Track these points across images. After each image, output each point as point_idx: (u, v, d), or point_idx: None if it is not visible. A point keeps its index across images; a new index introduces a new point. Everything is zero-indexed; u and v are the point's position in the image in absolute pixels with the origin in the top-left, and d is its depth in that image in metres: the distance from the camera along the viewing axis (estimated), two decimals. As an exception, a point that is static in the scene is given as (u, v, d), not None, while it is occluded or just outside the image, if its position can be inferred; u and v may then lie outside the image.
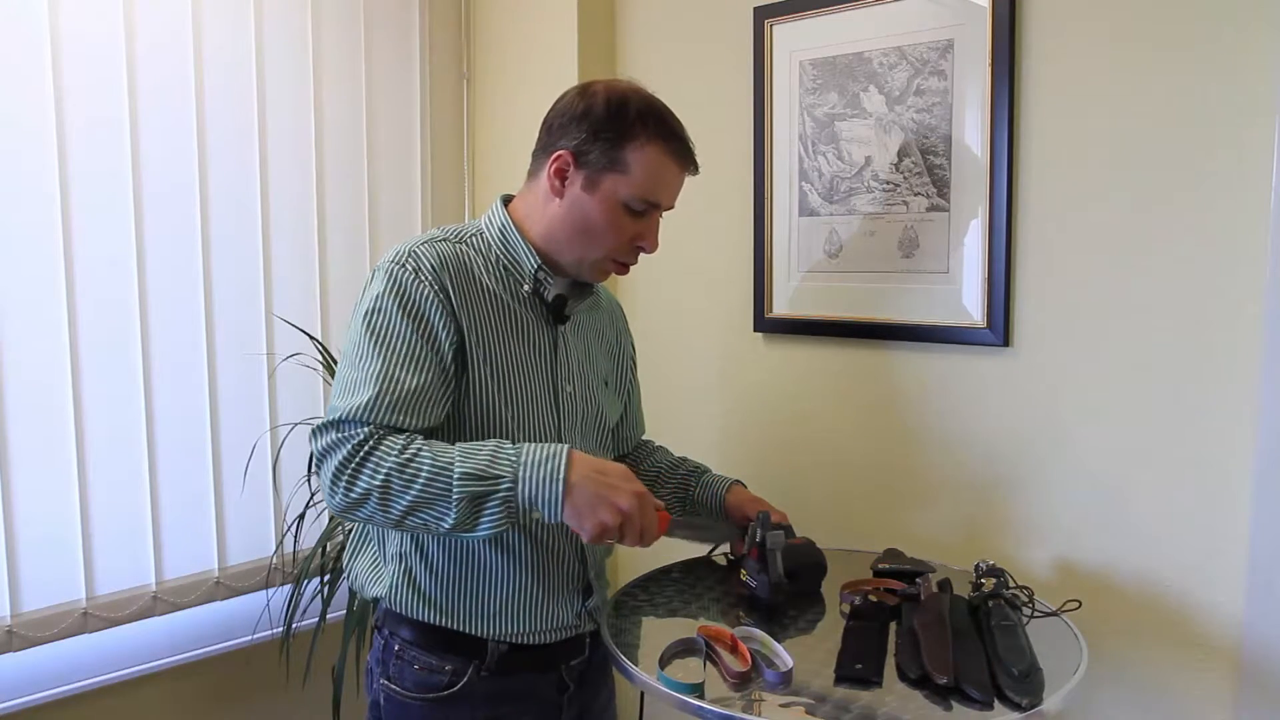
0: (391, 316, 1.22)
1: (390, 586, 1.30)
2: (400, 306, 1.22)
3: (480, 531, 1.15)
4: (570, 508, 1.15)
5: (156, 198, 1.85)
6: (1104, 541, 1.56)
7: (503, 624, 1.30)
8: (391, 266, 1.25)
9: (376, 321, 1.22)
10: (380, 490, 1.14)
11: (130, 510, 1.86)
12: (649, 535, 1.19)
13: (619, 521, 1.16)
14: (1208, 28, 1.42)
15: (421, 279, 1.23)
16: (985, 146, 1.62)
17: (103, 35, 1.77)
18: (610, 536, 1.17)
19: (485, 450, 1.16)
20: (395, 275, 1.23)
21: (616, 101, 1.26)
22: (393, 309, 1.22)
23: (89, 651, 1.84)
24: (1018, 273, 1.62)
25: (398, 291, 1.22)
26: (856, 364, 1.83)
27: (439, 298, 1.23)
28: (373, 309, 1.22)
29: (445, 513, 1.13)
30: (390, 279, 1.23)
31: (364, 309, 1.24)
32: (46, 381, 1.74)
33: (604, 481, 1.16)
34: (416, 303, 1.22)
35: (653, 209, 1.31)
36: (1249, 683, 1.44)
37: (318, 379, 2.08)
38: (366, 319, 1.22)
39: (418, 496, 1.13)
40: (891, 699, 1.11)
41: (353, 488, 1.14)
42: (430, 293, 1.23)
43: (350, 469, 1.14)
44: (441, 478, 1.13)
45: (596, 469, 1.17)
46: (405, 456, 1.14)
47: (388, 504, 1.14)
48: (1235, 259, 1.42)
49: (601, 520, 1.15)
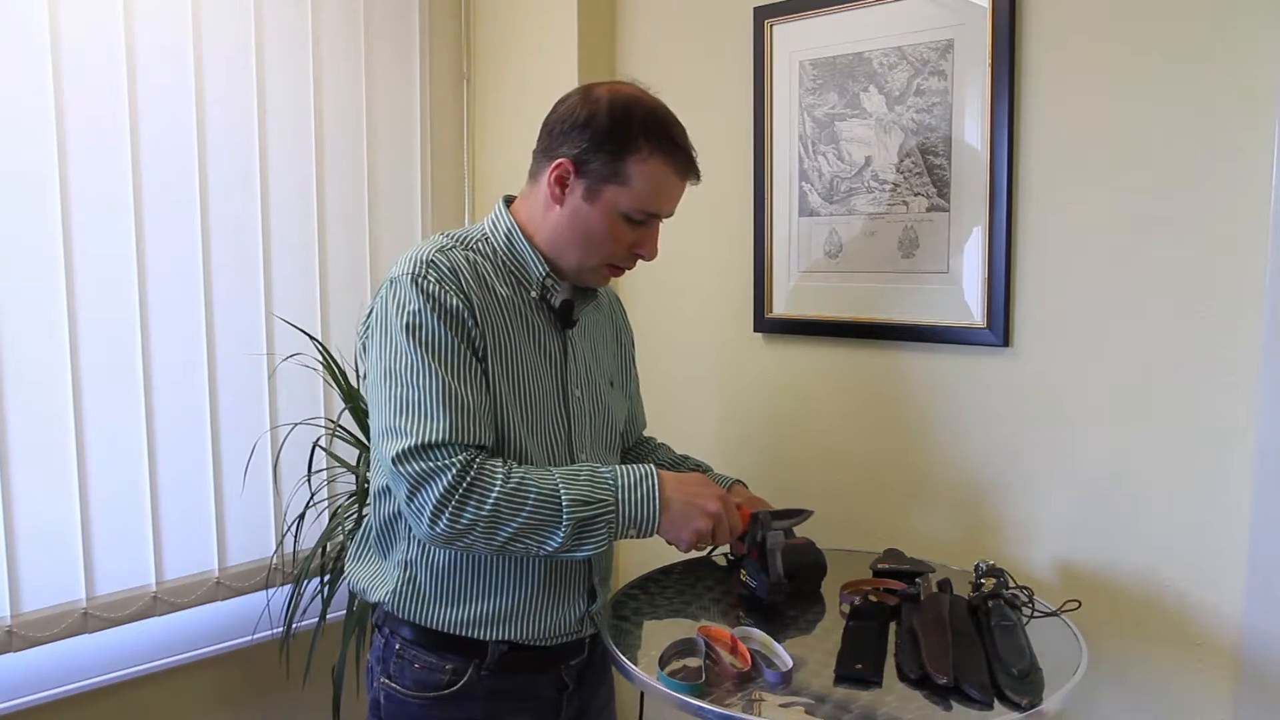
0: (436, 331, 1.20)
1: (393, 592, 1.30)
2: (440, 319, 1.20)
3: (581, 553, 1.20)
4: (667, 523, 1.22)
5: (157, 198, 1.85)
6: (1104, 541, 1.56)
7: (507, 629, 1.29)
8: (416, 279, 1.22)
9: (423, 337, 1.19)
10: (489, 518, 1.16)
11: (130, 510, 1.86)
12: (737, 530, 1.30)
13: (711, 526, 1.24)
14: (1208, 28, 1.42)
15: (446, 287, 1.22)
16: (985, 146, 1.62)
17: (103, 36, 1.77)
18: (705, 541, 1.25)
19: (584, 475, 1.21)
20: (424, 288, 1.21)
21: (620, 111, 1.25)
22: (435, 323, 1.20)
23: (89, 651, 1.84)
24: (1018, 273, 1.62)
25: (434, 304, 1.20)
26: (856, 364, 1.83)
27: (466, 306, 1.22)
28: (414, 325, 1.20)
29: (552, 535, 1.17)
30: (421, 292, 1.21)
31: (403, 324, 1.20)
32: (47, 382, 1.74)
33: (691, 491, 1.25)
34: (451, 313, 1.21)
35: (653, 218, 1.31)
36: (1249, 683, 1.44)
37: (318, 379, 2.08)
38: (410, 335, 1.19)
39: (525, 523, 1.16)
40: (891, 699, 1.11)
41: (459, 518, 1.15)
42: (458, 302, 1.22)
43: (456, 498, 1.15)
44: (549, 504, 1.17)
45: (681, 482, 1.26)
46: (511, 485, 1.16)
47: (495, 531, 1.16)
48: (1235, 259, 1.42)
49: (697, 528, 1.23)
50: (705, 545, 1.27)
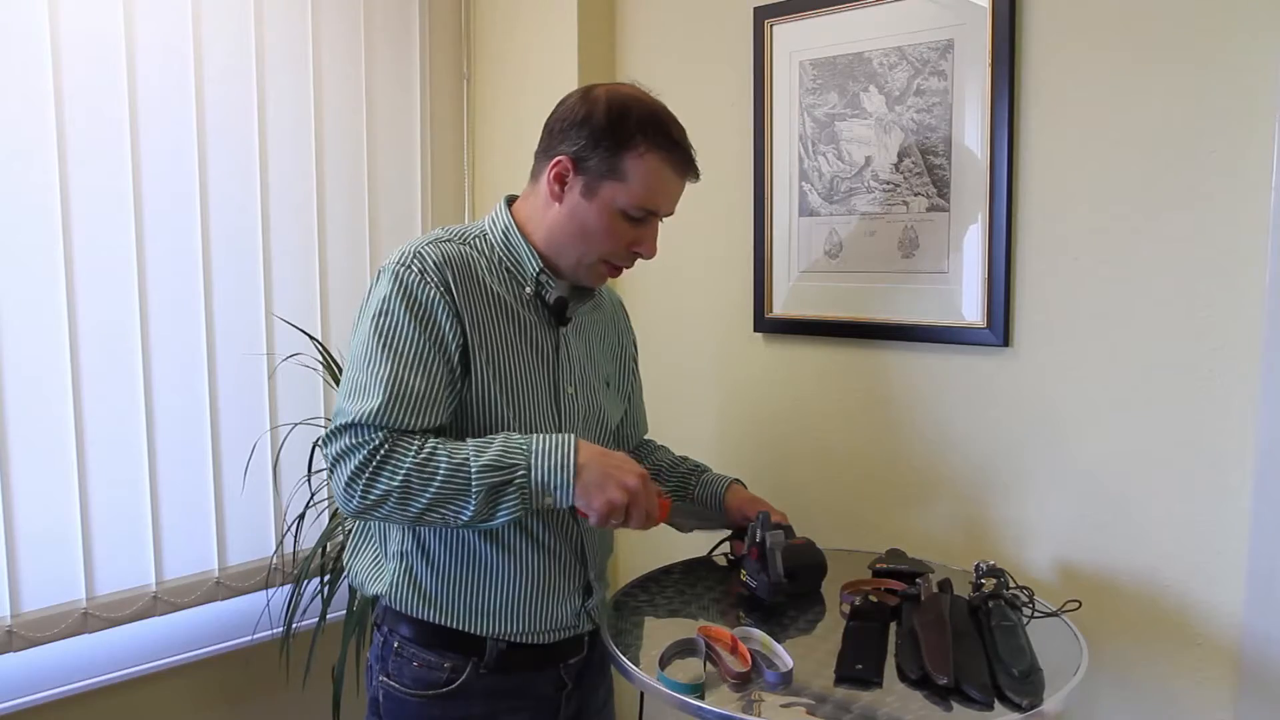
0: (399, 319, 1.22)
1: (391, 584, 1.31)
2: (408, 309, 1.22)
3: (497, 520, 1.19)
4: (580, 488, 1.19)
5: (156, 198, 1.85)
6: (1104, 541, 1.56)
7: (503, 623, 1.30)
8: (397, 268, 1.25)
9: (384, 324, 1.22)
10: (400, 490, 1.17)
11: (130, 510, 1.86)
12: (653, 517, 1.26)
13: (626, 500, 1.21)
14: (1208, 28, 1.42)
15: (427, 280, 1.23)
16: (985, 146, 1.62)
17: (103, 36, 1.76)
18: (617, 516, 1.22)
19: (496, 443, 1.20)
20: (401, 277, 1.24)
21: (617, 109, 1.26)
22: (400, 311, 1.22)
23: (89, 651, 1.84)
24: (1018, 273, 1.62)
25: (404, 294, 1.23)
26: (856, 364, 1.83)
27: (445, 299, 1.24)
28: (380, 311, 1.23)
29: (464, 505, 1.17)
30: (396, 281, 1.24)
31: (371, 311, 1.24)
32: (47, 381, 1.74)
33: (610, 463, 1.22)
34: (423, 304, 1.23)
35: (651, 216, 1.31)
36: (1249, 683, 1.44)
37: (318, 379, 2.08)
38: (374, 321, 1.23)
39: (437, 493, 1.17)
40: (891, 699, 1.11)
41: (370, 490, 1.17)
42: (436, 294, 1.23)
43: (368, 473, 1.17)
44: (459, 473, 1.17)
45: (601, 453, 1.23)
46: (422, 456, 1.18)
47: (407, 503, 1.18)
48: (1235, 258, 1.42)
49: (610, 498, 1.20)
50: (617, 521, 1.22)
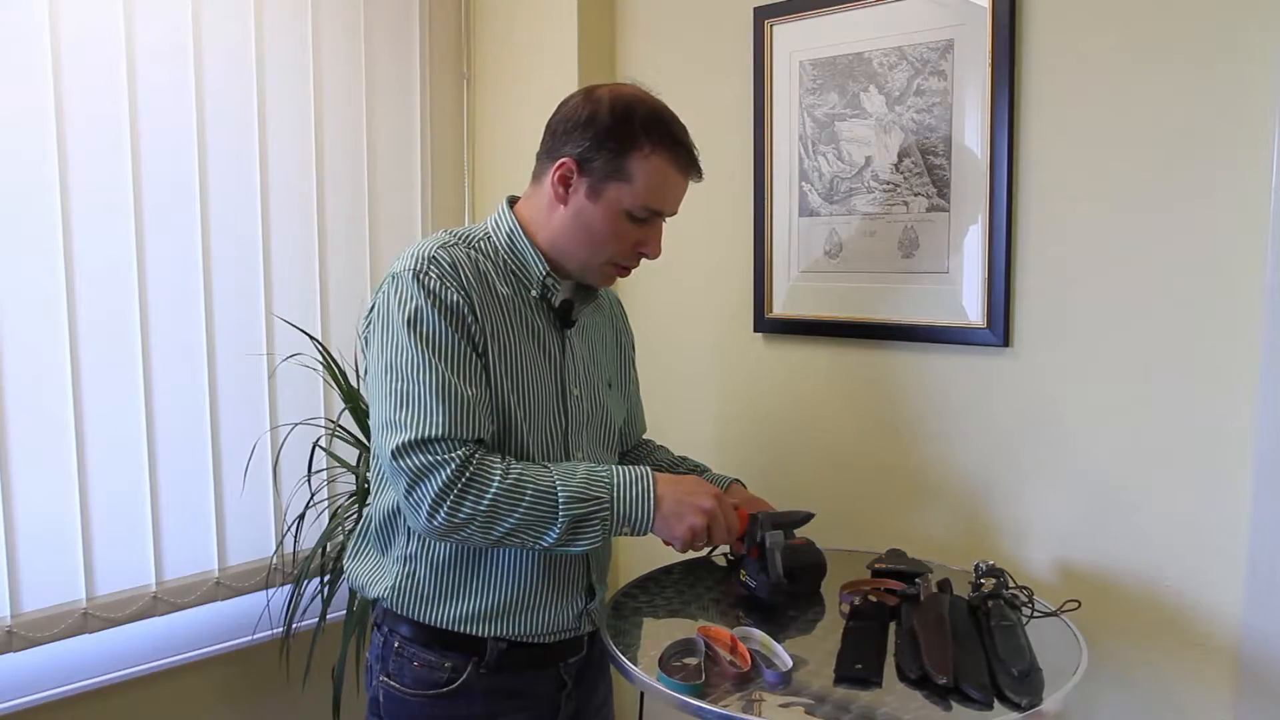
0: (436, 326, 1.21)
1: (393, 588, 1.30)
2: (441, 315, 1.21)
3: (576, 548, 1.22)
4: (661, 520, 1.23)
5: (157, 198, 1.85)
6: (1104, 541, 1.56)
7: (505, 625, 1.30)
8: (417, 274, 1.22)
9: (424, 332, 1.20)
10: (486, 513, 1.17)
11: (130, 510, 1.85)
12: (734, 531, 1.30)
13: (706, 522, 1.25)
14: (1208, 28, 1.42)
15: (447, 283, 1.23)
16: (985, 146, 1.62)
17: (103, 36, 1.76)
18: (701, 539, 1.25)
19: (579, 472, 1.23)
20: (425, 284, 1.22)
21: (621, 109, 1.26)
22: (435, 317, 1.21)
23: (89, 651, 1.84)
24: (1018, 273, 1.62)
25: (434, 300, 1.21)
26: (856, 364, 1.83)
27: (466, 303, 1.23)
28: (415, 319, 1.20)
29: (547, 531, 1.19)
30: (423, 289, 1.21)
31: (404, 318, 1.21)
32: (47, 381, 1.74)
33: (685, 489, 1.26)
34: (452, 309, 1.22)
35: (656, 216, 1.31)
36: (1249, 683, 1.44)
37: (318, 379, 2.08)
38: (412, 329, 1.20)
39: (523, 518, 1.18)
40: (891, 699, 1.11)
41: (457, 512, 1.17)
42: (459, 298, 1.23)
43: (455, 492, 1.17)
44: (546, 500, 1.18)
45: (675, 481, 1.27)
46: (509, 481, 1.18)
47: (492, 525, 1.18)
48: (1235, 259, 1.42)
49: (691, 524, 1.24)
50: (701, 543, 1.27)
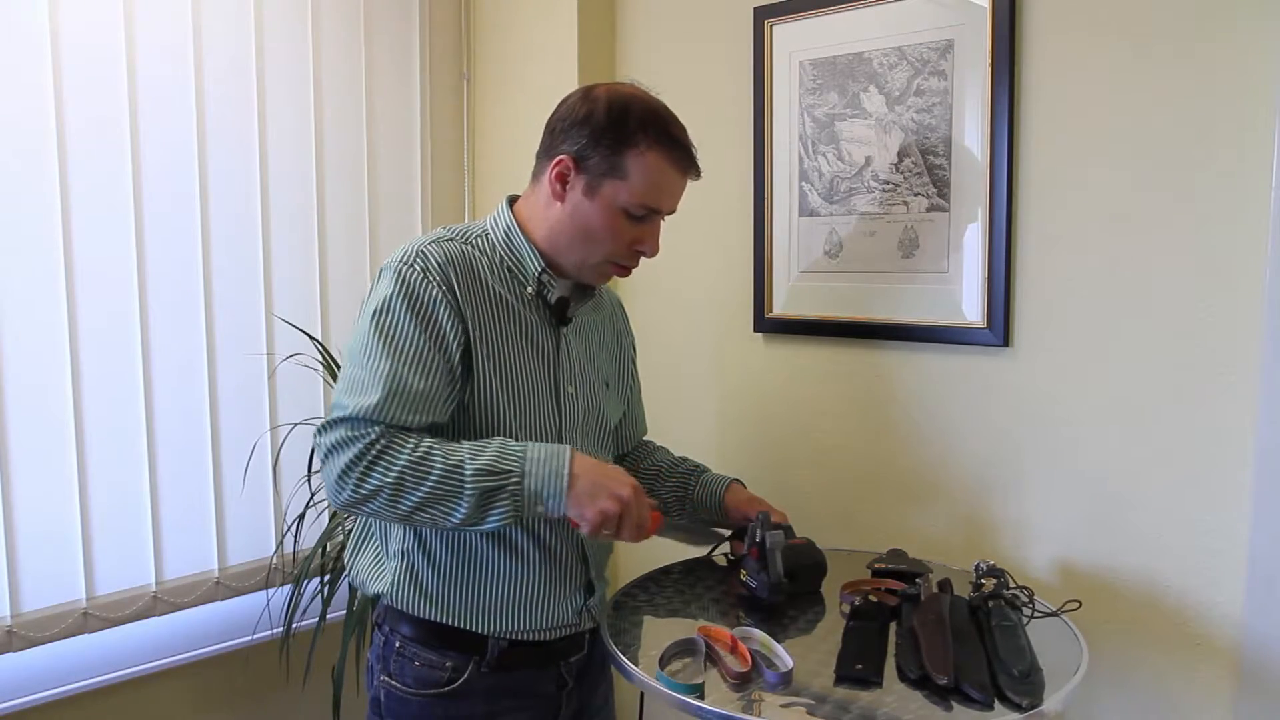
0: (400, 318, 1.22)
1: (393, 583, 1.31)
2: (409, 308, 1.23)
3: (486, 525, 1.19)
4: (573, 499, 1.20)
5: (157, 198, 1.85)
6: (1104, 542, 1.56)
7: (504, 621, 1.30)
8: (400, 267, 1.25)
9: (385, 321, 1.22)
10: (393, 487, 1.17)
11: (130, 510, 1.85)
12: (643, 529, 1.25)
13: (618, 510, 1.21)
14: (1208, 28, 1.42)
15: (429, 279, 1.24)
16: (985, 146, 1.62)
17: (103, 36, 1.76)
18: (609, 526, 1.21)
19: (491, 447, 1.20)
20: (404, 275, 1.24)
21: (618, 107, 1.27)
22: (401, 310, 1.23)
23: (89, 651, 1.84)
24: (1018, 273, 1.62)
25: (406, 293, 1.23)
26: (856, 364, 1.83)
27: (447, 298, 1.24)
28: (381, 309, 1.23)
29: (455, 507, 1.17)
30: (399, 279, 1.24)
31: (372, 308, 1.24)
32: (47, 381, 1.74)
33: (603, 473, 1.23)
34: (425, 304, 1.23)
35: (653, 214, 1.31)
36: (1249, 683, 1.44)
37: (318, 379, 2.08)
38: (375, 318, 1.23)
39: (430, 492, 1.17)
40: (891, 699, 1.11)
41: (363, 484, 1.17)
42: (438, 293, 1.24)
43: (362, 466, 1.17)
44: (453, 474, 1.17)
45: (595, 464, 1.23)
46: (418, 455, 1.17)
47: (398, 500, 1.18)
48: (1235, 259, 1.42)
49: (602, 508, 1.20)
50: (609, 531, 1.22)
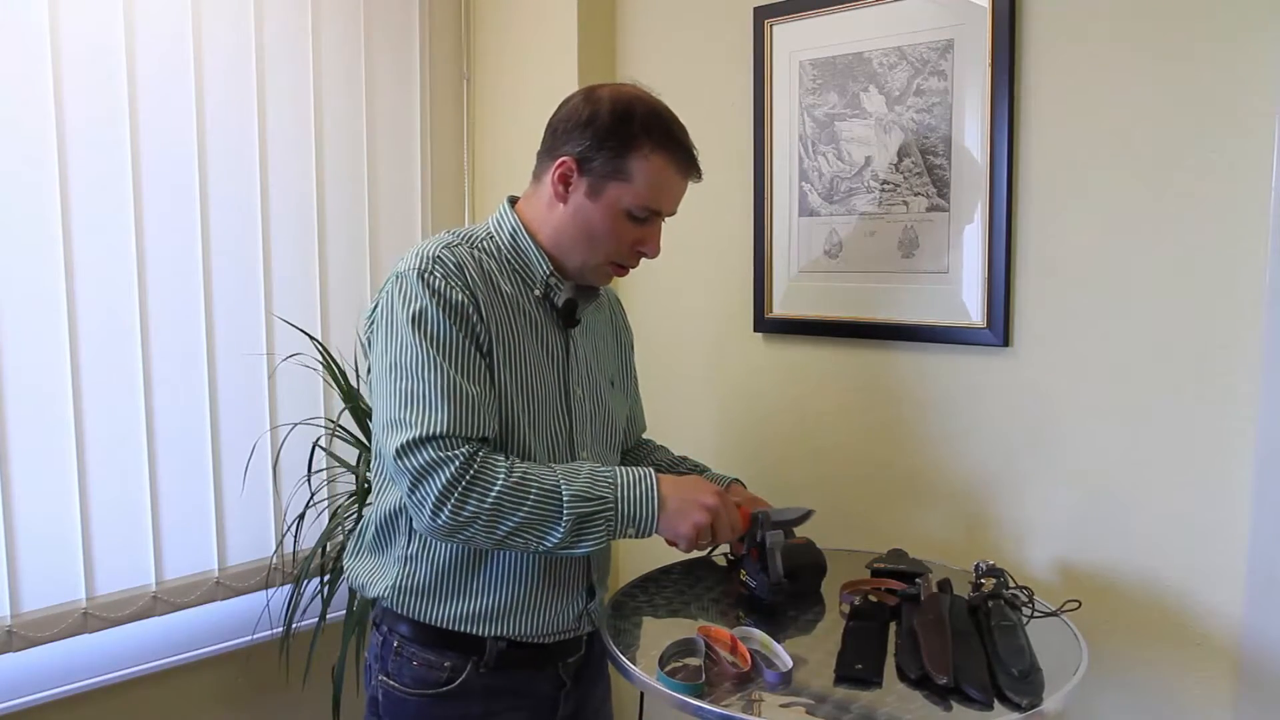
0: (441, 325, 1.21)
1: (394, 588, 1.30)
2: (446, 314, 1.21)
3: (579, 550, 1.21)
4: (665, 520, 1.23)
5: (156, 198, 1.85)
6: (1104, 541, 1.56)
7: (506, 624, 1.30)
8: (422, 273, 1.23)
9: (430, 330, 1.20)
10: (490, 512, 1.17)
11: (130, 510, 1.85)
12: (737, 529, 1.30)
13: (709, 519, 1.24)
14: (1208, 28, 1.42)
15: (452, 284, 1.23)
16: (985, 146, 1.62)
17: (103, 36, 1.76)
18: (705, 538, 1.25)
19: (583, 472, 1.22)
20: (430, 282, 1.22)
21: (621, 109, 1.26)
22: (440, 316, 1.21)
23: (89, 651, 1.84)
24: (1018, 273, 1.62)
25: (439, 298, 1.21)
26: (856, 364, 1.83)
27: (471, 302, 1.23)
28: (420, 318, 1.21)
29: (551, 531, 1.18)
30: (428, 287, 1.22)
31: (409, 317, 1.21)
32: (47, 382, 1.74)
33: (688, 488, 1.26)
34: (455, 308, 1.22)
35: (655, 216, 1.31)
36: (1249, 683, 1.44)
37: (318, 379, 2.08)
38: (417, 328, 1.20)
39: (527, 517, 1.18)
40: (891, 699, 1.11)
41: (461, 511, 1.16)
42: (464, 297, 1.23)
43: (459, 491, 1.16)
44: (551, 499, 1.18)
45: (677, 481, 1.27)
46: (515, 479, 1.18)
47: (495, 524, 1.18)
48: (1235, 258, 1.42)
49: (695, 522, 1.24)
50: (706, 542, 1.27)
